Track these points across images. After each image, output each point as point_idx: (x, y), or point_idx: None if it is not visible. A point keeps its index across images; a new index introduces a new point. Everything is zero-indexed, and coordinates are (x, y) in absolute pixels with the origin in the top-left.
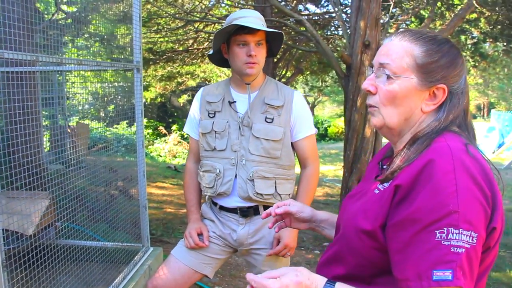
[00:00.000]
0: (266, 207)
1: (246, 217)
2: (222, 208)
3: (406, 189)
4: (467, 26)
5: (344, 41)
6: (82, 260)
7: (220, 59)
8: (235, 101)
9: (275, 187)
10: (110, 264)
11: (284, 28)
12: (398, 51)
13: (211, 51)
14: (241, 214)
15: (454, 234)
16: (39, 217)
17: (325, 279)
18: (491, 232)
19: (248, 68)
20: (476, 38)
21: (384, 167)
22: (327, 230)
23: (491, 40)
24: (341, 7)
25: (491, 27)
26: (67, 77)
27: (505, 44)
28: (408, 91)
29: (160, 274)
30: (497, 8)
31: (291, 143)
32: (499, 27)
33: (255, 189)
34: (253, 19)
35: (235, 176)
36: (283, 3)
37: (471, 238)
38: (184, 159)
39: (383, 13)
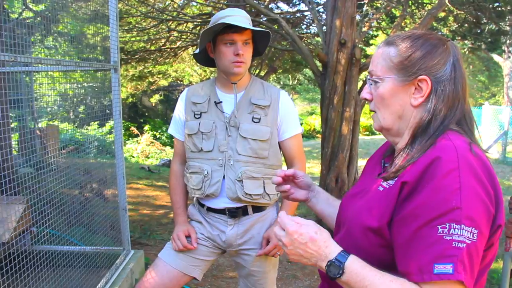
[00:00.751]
0: (254, 207)
1: (234, 217)
2: (210, 209)
3: (412, 186)
4: (435, 24)
5: (318, 39)
6: (60, 266)
7: (205, 59)
8: (221, 101)
9: (264, 187)
10: (90, 269)
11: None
12: (378, 57)
13: (197, 50)
14: (229, 215)
15: (456, 230)
16: (14, 222)
17: (340, 249)
18: (496, 229)
19: (235, 67)
20: (445, 35)
21: (386, 165)
22: (320, 205)
23: (459, 38)
24: (314, 6)
25: (459, 25)
26: (34, 78)
27: (472, 42)
28: (392, 90)
29: (148, 278)
30: (465, 7)
31: (278, 142)
32: (466, 25)
33: (244, 189)
34: (240, 18)
35: (223, 177)
36: (254, 1)
37: (472, 234)
38: (157, 159)
39: (358, 12)
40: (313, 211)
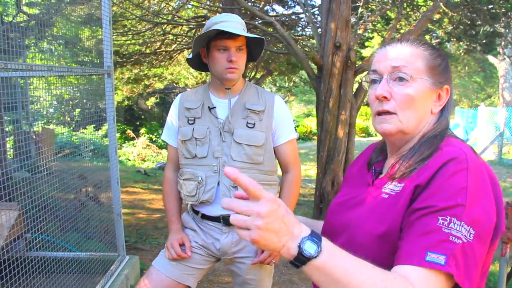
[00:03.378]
0: None
1: (229, 225)
2: (204, 216)
3: (423, 188)
4: (430, 26)
5: (313, 41)
6: (54, 272)
7: (199, 63)
8: (215, 107)
9: None
10: (85, 275)
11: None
12: (410, 54)
13: (190, 55)
14: (224, 223)
15: (456, 225)
16: (8, 229)
17: (310, 229)
18: (498, 235)
19: (228, 73)
20: (440, 38)
21: (378, 171)
22: None
23: (454, 39)
24: (309, 8)
25: (453, 27)
26: (30, 81)
27: (467, 43)
28: (424, 93)
29: (142, 286)
30: (460, 9)
31: (273, 148)
32: (461, 27)
33: None
34: (234, 23)
35: (218, 184)
36: (249, 4)
37: (469, 234)
38: (153, 162)
39: (353, 14)
40: None
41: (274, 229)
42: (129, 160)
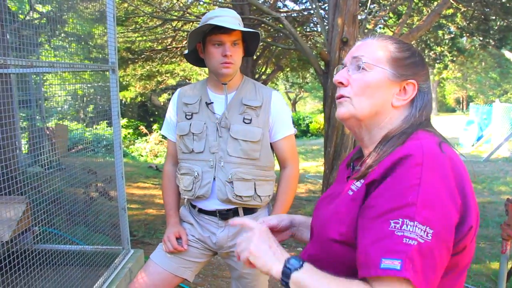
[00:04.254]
0: (245, 209)
1: (225, 220)
2: (201, 211)
3: (376, 184)
4: (444, 21)
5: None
6: (60, 265)
7: (196, 59)
8: (212, 102)
9: (255, 188)
10: (89, 267)
11: (262, 25)
12: (372, 46)
13: (186, 51)
14: (220, 217)
15: (409, 226)
16: (15, 222)
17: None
18: (468, 231)
19: (223, 68)
20: (453, 33)
21: (356, 167)
22: (306, 233)
23: (467, 35)
24: (319, 4)
25: (467, 22)
26: (45, 78)
27: (481, 38)
28: (381, 81)
29: (139, 279)
30: (472, 4)
31: (270, 143)
32: (475, 22)
33: (234, 191)
34: (228, 18)
35: (214, 179)
36: (261, 0)
37: (425, 233)
38: (165, 158)
39: (361, 9)
40: (301, 241)
41: (264, 248)
42: (142, 156)
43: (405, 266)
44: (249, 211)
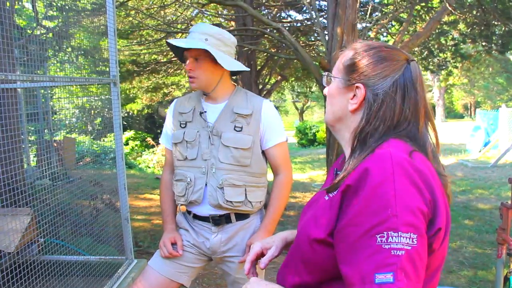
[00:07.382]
0: (238, 215)
1: (218, 225)
2: (195, 216)
3: (350, 194)
4: (446, 28)
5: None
6: (65, 275)
7: None
8: (205, 111)
9: (245, 194)
10: (93, 278)
11: (265, 36)
12: (340, 57)
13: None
14: (213, 223)
15: (394, 238)
16: (21, 233)
17: None
18: (435, 233)
19: (190, 82)
20: (456, 39)
21: (338, 173)
22: None
23: (470, 41)
24: (322, 14)
25: (469, 29)
26: (53, 91)
27: (483, 44)
28: (335, 90)
29: (138, 284)
30: (474, 11)
31: (263, 151)
32: (476, 28)
33: (225, 196)
34: (195, 34)
35: (206, 185)
36: (266, 11)
37: (411, 239)
38: None
39: (362, 17)
40: None
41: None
42: (149, 167)
43: (397, 277)
44: (241, 217)
